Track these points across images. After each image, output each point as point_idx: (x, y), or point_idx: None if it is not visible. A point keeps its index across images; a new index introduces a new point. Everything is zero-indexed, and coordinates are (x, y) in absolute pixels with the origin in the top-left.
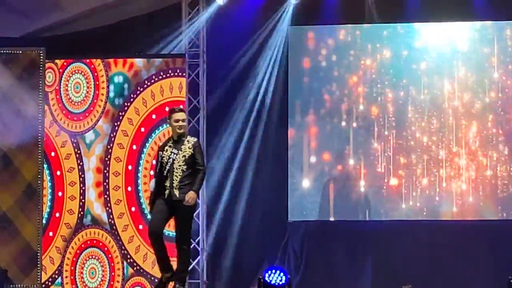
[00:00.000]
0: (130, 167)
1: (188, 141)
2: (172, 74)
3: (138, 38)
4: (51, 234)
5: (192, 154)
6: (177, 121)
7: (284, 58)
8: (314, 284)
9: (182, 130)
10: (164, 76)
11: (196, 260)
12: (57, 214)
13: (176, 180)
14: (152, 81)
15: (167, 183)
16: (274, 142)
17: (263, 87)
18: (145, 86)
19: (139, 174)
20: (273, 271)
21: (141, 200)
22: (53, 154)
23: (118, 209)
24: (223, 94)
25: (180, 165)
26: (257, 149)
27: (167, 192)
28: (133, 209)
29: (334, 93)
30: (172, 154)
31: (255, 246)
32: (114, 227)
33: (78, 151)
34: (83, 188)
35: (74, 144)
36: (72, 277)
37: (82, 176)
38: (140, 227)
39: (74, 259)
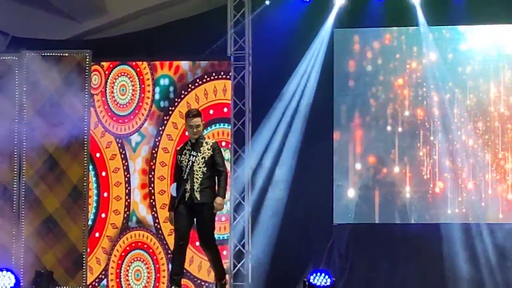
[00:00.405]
0: None
1: (206, 142)
2: (217, 76)
3: (183, 40)
4: (97, 234)
5: (212, 156)
6: (191, 127)
7: (329, 61)
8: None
9: (196, 136)
10: (209, 79)
11: (241, 263)
12: (103, 215)
13: (197, 183)
14: (197, 84)
15: (187, 186)
16: (319, 145)
17: (308, 89)
18: (190, 89)
19: None
20: (318, 273)
21: None
22: (98, 155)
23: (163, 214)
24: (268, 97)
25: (200, 167)
26: (302, 151)
27: (187, 195)
28: None
29: (379, 96)
30: (192, 156)
31: (300, 249)
32: (160, 231)
33: (123, 152)
34: (129, 188)
35: (119, 145)
36: (117, 280)
37: (128, 176)
38: None
39: (119, 261)
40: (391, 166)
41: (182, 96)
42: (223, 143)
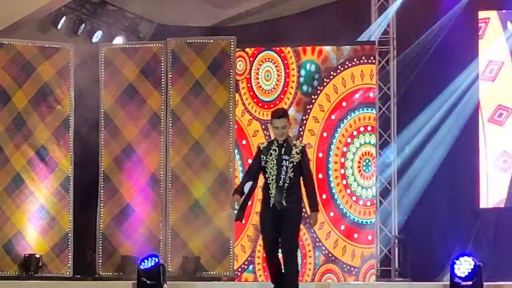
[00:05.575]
0: (320, 155)
1: (295, 146)
2: (361, 61)
3: (327, 25)
4: (243, 221)
5: (300, 161)
6: (277, 128)
7: (473, 45)
8: (507, 273)
9: (283, 137)
10: (354, 63)
11: (388, 248)
12: (249, 203)
13: (284, 188)
14: (342, 68)
15: (273, 191)
16: (465, 128)
17: (454, 74)
18: (335, 74)
19: (329, 162)
20: (463, 257)
21: (332, 188)
22: (244, 142)
23: None
24: (413, 80)
25: (287, 172)
26: (448, 135)
27: (273, 200)
28: (324, 196)
29: None
30: (283, 161)
31: (446, 233)
32: (306, 215)
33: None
34: None
35: (265, 132)
36: (264, 265)
37: None
38: (331, 214)
39: None
40: None
41: (328, 80)
42: (369, 127)
